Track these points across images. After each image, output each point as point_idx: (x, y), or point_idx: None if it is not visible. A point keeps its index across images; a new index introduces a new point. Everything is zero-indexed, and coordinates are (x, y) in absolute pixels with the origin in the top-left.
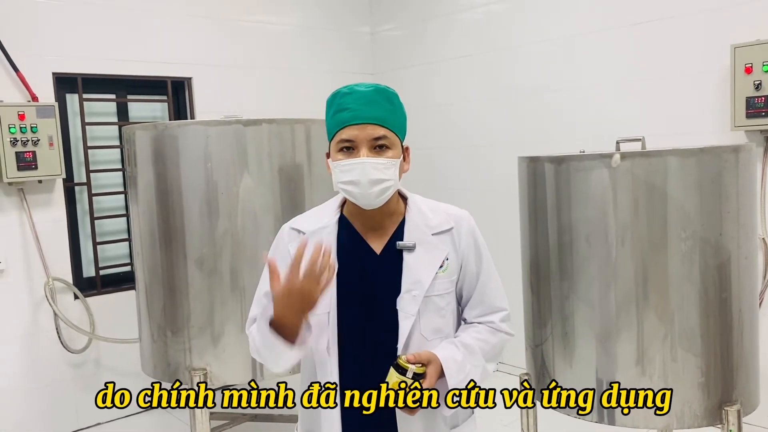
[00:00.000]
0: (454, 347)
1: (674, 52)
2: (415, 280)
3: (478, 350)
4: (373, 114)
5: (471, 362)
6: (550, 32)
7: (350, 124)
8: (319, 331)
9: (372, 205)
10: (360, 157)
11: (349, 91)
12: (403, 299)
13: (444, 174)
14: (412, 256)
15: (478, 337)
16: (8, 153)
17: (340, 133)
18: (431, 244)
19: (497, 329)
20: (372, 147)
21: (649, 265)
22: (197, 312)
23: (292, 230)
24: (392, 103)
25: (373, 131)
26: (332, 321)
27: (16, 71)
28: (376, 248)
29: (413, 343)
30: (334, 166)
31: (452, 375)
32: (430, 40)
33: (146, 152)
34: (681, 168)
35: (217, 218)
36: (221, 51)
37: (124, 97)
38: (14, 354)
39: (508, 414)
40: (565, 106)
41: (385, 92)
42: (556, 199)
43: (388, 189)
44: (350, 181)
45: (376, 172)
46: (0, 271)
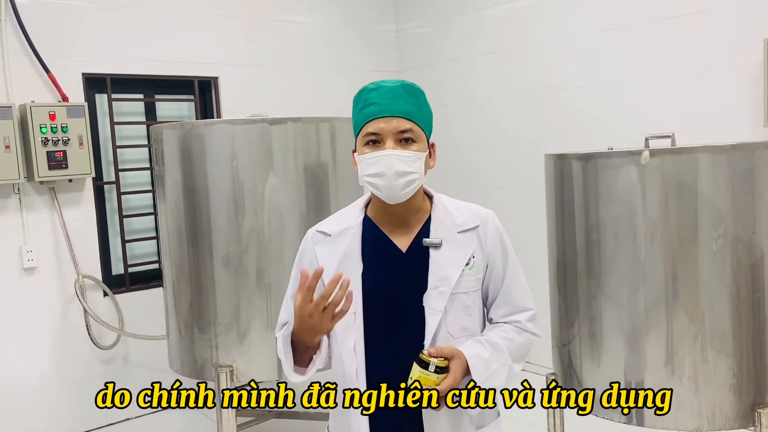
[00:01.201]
0: (480, 345)
1: (704, 47)
2: (442, 276)
3: (504, 349)
4: (399, 107)
5: (497, 360)
6: (577, 28)
7: (377, 117)
8: (346, 331)
9: (397, 198)
10: (386, 149)
11: (375, 87)
12: (430, 296)
13: (470, 172)
14: (438, 253)
15: (504, 336)
16: (39, 152)
17: (366, 127)
18: (457, 242)
19: (524, 329)
20: (398, 140)
21: (679, 264)
22: (224, 309)
23: (317, 233)
24: (418, 98)
25: (399, 124)
26: (358, 320)
27: (48, 72)
28: (401, 246)
29: (440, 340)
30: (360, 159)
31: (478, 372)
32: (455, 37)
33: (173, 151)
34: (712, 165)
35: (243, 216)
36: (247, 50)
37: (152, 97)
38: (45, 349)
39: (534, 413)
40: (593, 102)
41: (411, 88)
42: (584, 197)
43: (413, 182)
44: (376, 174)
45: (401, 164)
46: (32, 269)
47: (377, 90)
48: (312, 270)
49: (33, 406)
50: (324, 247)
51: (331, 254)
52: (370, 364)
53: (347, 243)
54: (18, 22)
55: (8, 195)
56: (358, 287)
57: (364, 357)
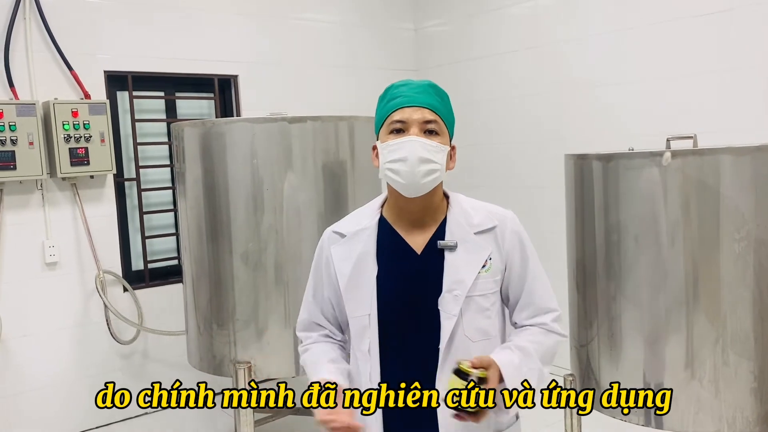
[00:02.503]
0: (510, 351)
1: (727, 46)
2: (456, 279)
3: (533, 353)
4: (426, 100)
5: (527, 365)
6: (598, 27)
7: (404, 106)
8: (361, 333)
9: (417, 188)
10: (410, 135)
11: (403, 83)
12: (445, 299)
13: (489, 171)
14: (453, 256)
15: (532, 340)
16: (62, 149)
17: (392, 115)
18: (474, 243)
19: (550, 330)
20: (423, 130)
21: (700, 267)
22: (242, 305)
23: (333, 233)
24: (443, 98)
25: (424, 115)
26: (373, 322)
27: (71, 70)
28: (416, 248)
29: (456, 343)
30: (383, 147)
31: (511, 380)
32: (475, 36)
33: (194, 149)
34: (735, 166)
35: (262, 214)
36: (266, 49)
37: (172, 95)
38: (66, 343)
39: (551, 414)
40: (614, 102)
41: (438, 88)
42: (604, 198)
43: (434, 172)
44: (398, 159)
45: (424, 151)
46: (54, 264)
47: (405, 86)
48: (328, 267)
49: (53, 399)
50: (339, 248)
51: (346, 255)
52: (385, 366)
53: (362, 244)
54: (42, 20)
55: (31, 191)
56: (372, 289)
57: (379, 359)
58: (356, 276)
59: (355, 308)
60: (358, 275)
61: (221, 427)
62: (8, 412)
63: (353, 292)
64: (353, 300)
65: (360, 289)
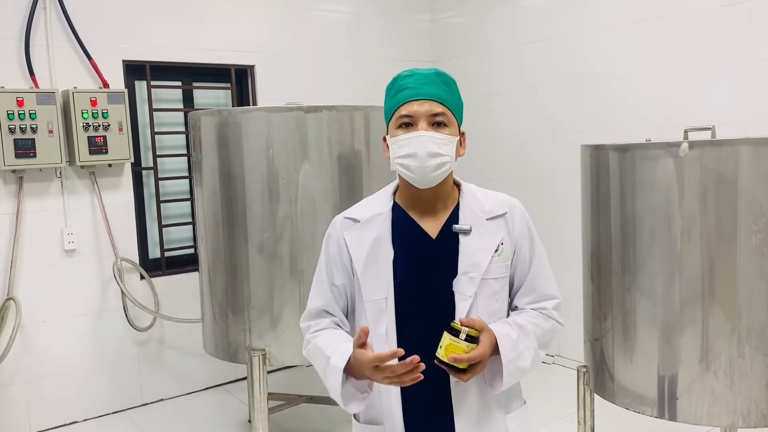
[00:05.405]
0: (508, 325)
1: (745, 36)
2: (472, 262)
3: (531, 332)
4: (432, 92)
5: (524, 342)
6: (615, 18)
7: (410, 100)
8: (377, 316)
9: (428, 180)
10: (419, 130)
11: (409, 74)
12: (460, 281)
13: (505, 162)
14: (468, 239)
15: (530, 321)
16: (81, 137)
17: (400, 110)
18: (486, 228)
19: (549, 316)
20: (431, 123)
21: (716, 259)
22: (257, 294)
23: (346, 219)
24: (450, 86)
25: (431, 107)
26: (390, 306)
27: (89, 59)
28: (431, 233)
29: None
30: (392, 142)
31: (506, 351)
32: (492, 27)
33: (211, 138)
34: (754, 158)
35: (278, 203)
36: (282, 39)
37: (190, 85)
38: (83, 329)
39: (564, 406)
40: (630, 93)
41: (444, 75)
42: (620, 189)
43: (444, 164)
44: (408, 155)
45: (434, 145)
46: (72, 251)
47: (411, 76)
48: (341, 253)
49: (70, 385)
50: (353, 234)
51: (361, 240)
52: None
53: (377, 229)
54: (62, 9)
55: (51, 178)
56: (389, 273)
57: (396, 342)
58: (372, 260)
59: (372, 292)
60: (375, 259)
61: (236, 415)
62: (27, 396)
63: (369, 275)
64: (369, 284)
65: (376, 273)
